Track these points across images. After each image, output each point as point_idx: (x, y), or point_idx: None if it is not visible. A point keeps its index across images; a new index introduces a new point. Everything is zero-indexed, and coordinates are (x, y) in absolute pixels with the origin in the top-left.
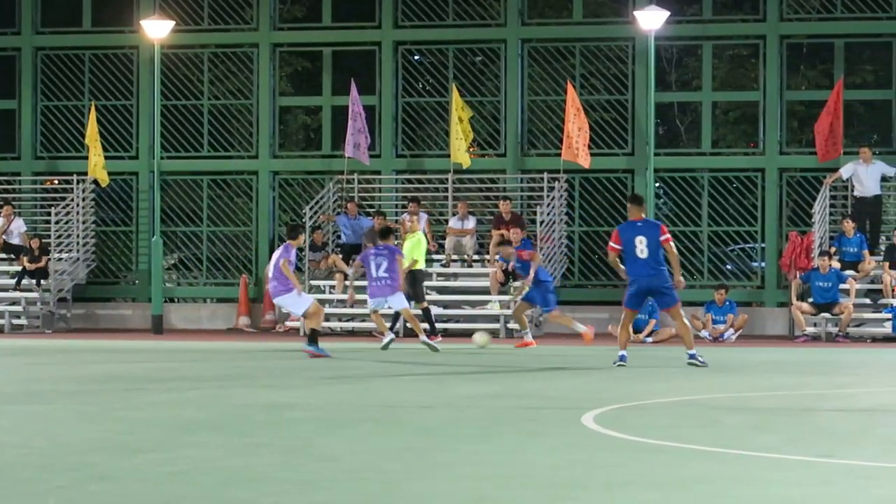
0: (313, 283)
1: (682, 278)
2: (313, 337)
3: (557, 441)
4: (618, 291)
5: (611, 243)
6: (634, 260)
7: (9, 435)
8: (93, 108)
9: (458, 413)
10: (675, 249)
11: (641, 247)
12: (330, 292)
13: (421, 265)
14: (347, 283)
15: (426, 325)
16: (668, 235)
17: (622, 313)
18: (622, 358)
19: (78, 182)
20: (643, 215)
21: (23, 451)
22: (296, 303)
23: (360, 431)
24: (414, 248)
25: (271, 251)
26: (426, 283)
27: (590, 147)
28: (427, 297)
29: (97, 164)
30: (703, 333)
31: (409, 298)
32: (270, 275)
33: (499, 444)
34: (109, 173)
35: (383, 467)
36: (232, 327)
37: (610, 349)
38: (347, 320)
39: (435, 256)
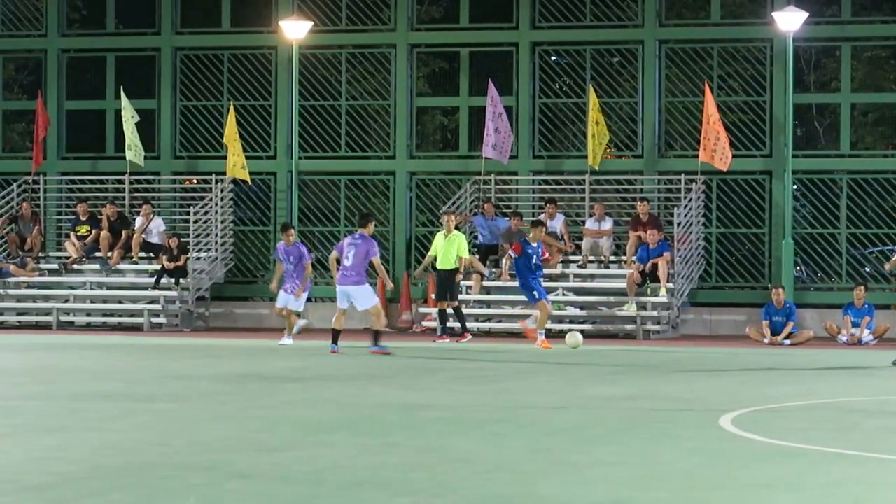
0: None
1: None
2: (377, 337)
3: (693, 443)
4: (755, 294)
5: None
6: None
7: (148, 433)
8: (231, 108)
9: (593, 414)
10: None
11: None
12: (467, 292)
13: (452, 264)
14: (484, 283)
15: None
16: None
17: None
18: None
19: (216, 181)
20: None
21: (161, 448)
22: (367, 297)
23: (494, 432)
24: (458, 248)
25: (408, 251)
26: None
27: (731, 148)
28: (564, 298)
29: (236, 164)
30: (841, 338)
31: (443, 296)
32: (349, 263)
33: (634, 445)
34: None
35: (517, 468)
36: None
37: (747, 351)
38: (484, 321)
39: (572, 257)
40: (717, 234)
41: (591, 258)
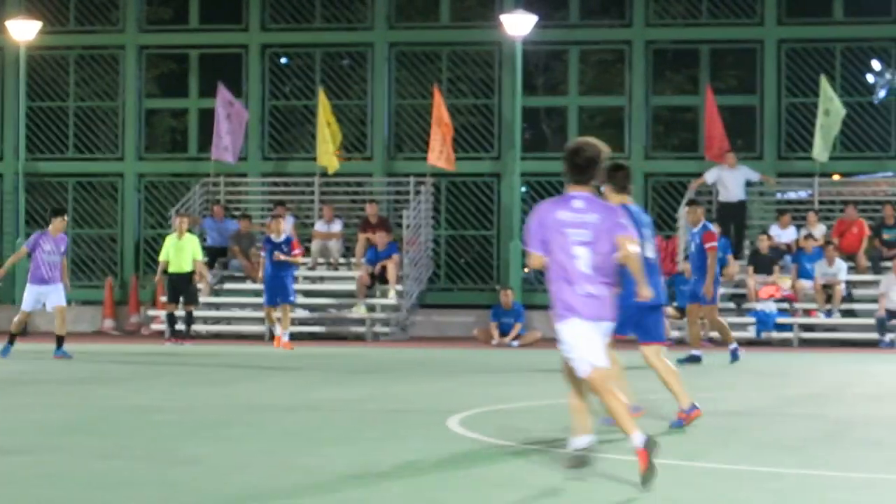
0: None
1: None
2: (11, 340)
3: (422, 443)
4: (484, 295)
5: None
6: None
7: None
8: None
9: (323, 416)
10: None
11: None
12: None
13: (189, 267)
14: (212, 286)
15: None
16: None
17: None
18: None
19: None
20: None
21: None
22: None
23: (225, 434)
24: (193, 251)
25: (137, 253)
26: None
27: (455, 151)
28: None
29: None
30: None
31: (175, 298)
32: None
33: (363, 446)
34: None
35: (247, 470)
36: (97, 330)
37: (476, 352)
38: (213, 323)
39: (301, 260)
40: (446, 236)
41: (320, 260)
